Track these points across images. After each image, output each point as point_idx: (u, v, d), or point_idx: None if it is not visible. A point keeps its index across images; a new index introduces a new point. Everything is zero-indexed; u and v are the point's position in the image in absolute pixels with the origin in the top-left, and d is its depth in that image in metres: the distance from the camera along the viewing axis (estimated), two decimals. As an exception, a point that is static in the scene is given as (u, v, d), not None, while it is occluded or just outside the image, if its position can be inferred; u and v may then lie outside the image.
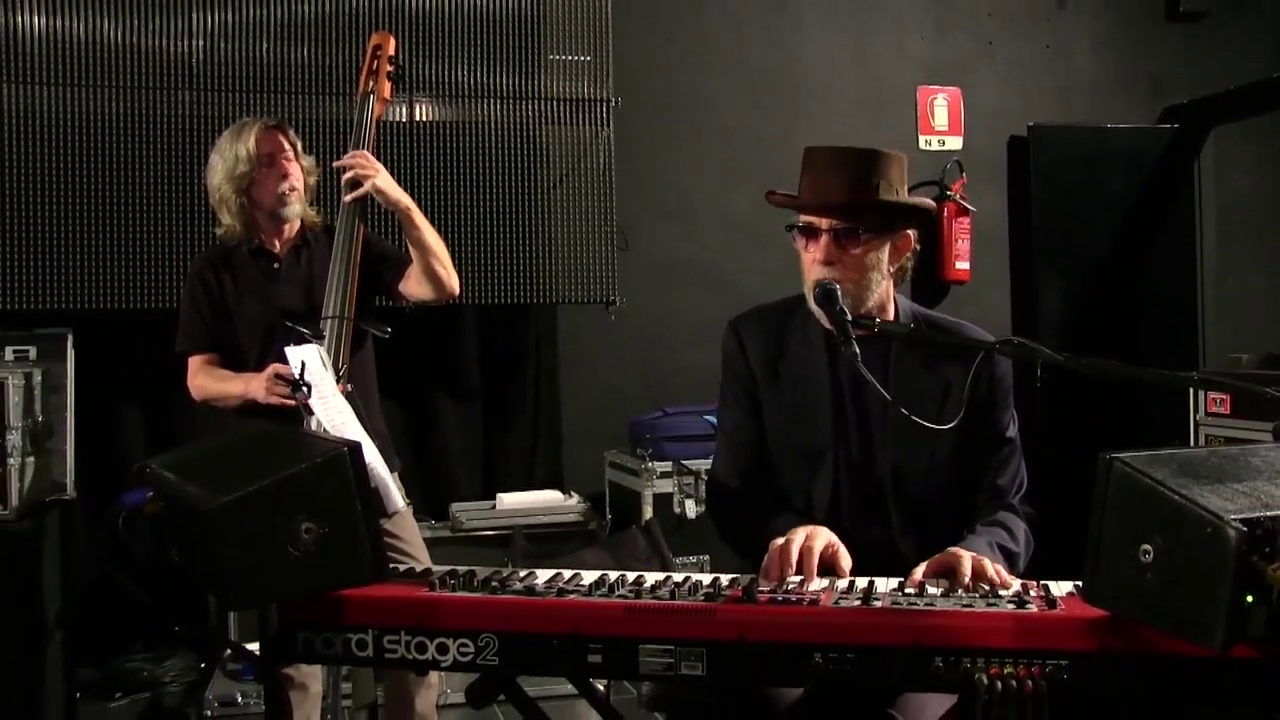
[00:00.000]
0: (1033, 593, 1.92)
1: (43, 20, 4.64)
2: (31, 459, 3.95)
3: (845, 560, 2.12)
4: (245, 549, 1.85)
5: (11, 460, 3.78)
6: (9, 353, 4.25)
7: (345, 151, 3.43)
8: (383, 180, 3.34)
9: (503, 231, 5.00)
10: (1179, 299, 6.05)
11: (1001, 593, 1.93)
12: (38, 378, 4.06)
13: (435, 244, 3.41)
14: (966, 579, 2.03)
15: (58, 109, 4.65)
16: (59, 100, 4.65)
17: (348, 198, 3.34)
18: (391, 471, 3.22)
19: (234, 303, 3.45)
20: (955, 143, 5.98)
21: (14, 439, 3.80)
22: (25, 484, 3.86)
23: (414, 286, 3.47)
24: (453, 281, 3.46)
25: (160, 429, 4.90)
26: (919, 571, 2.10)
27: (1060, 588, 1.96)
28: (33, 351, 4.27)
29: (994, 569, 2.05)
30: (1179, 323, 6.03)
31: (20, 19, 4.63)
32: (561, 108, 5.13)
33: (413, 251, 3.41)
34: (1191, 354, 5.96)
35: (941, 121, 5.97)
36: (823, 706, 2.16)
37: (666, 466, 4.83)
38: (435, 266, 3.40)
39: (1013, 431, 2.49)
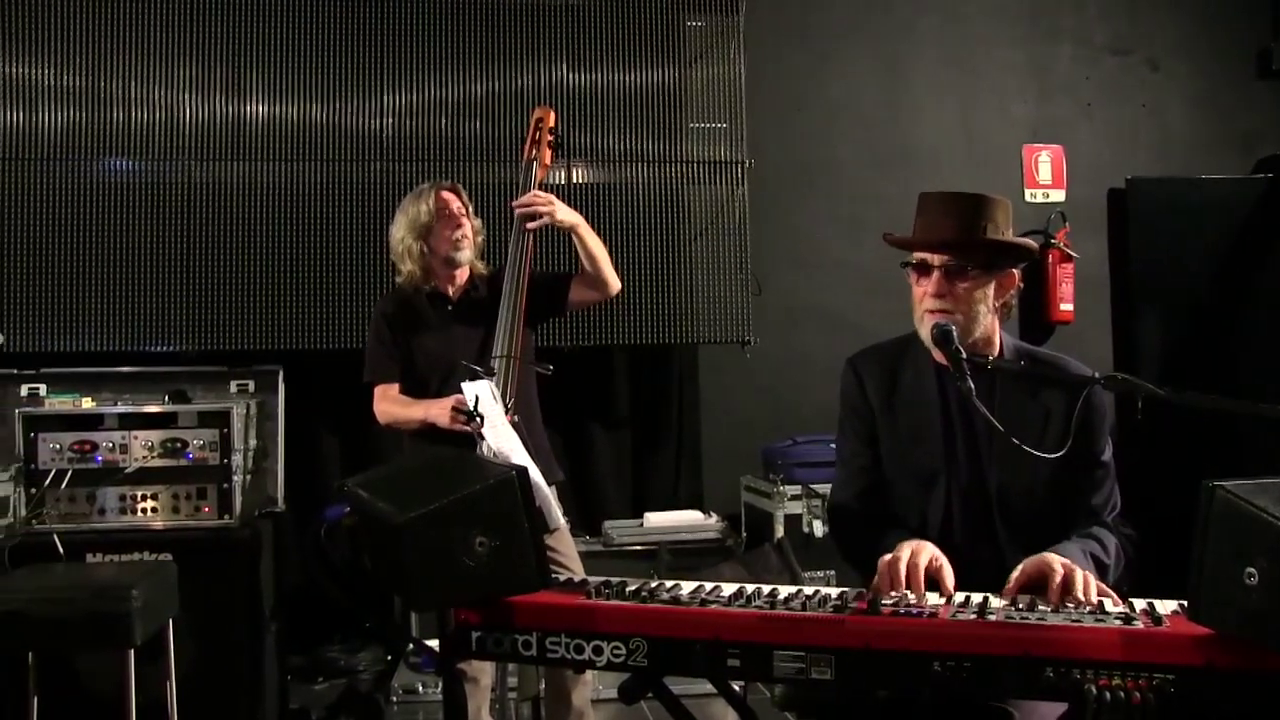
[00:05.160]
0: (1139, 609, 1.84)
1: (264, 107, 4.86)
2: (250, 476, 4.09)
3: (949, 575, 2.07)
4: (428, 558, 1.88)
5: (236, 477, 3.91)
6: (233, 386, 4.40)
7: (512, 211, 3.51)
8: (560, 210, 3.45)
9: (650, 280, 5.01)
10: (1276, 336, 5.76)
11: (1109, 608, 1.86)
12: (255, 408, 4.21)
13: (601, 252, 3.52)
14: (1057, 583, 1.96)
15: (273, 181, 4.84)
16: (274, 173, 4.85)
17: (531, 225, 3.43)
18: (553, 483, 3.25)
19: (414, 339, 3.53)
20: (1058, 195, 5.82)
21: (238, 459, 3.93)
22: (245, 497, 4.00)
23: (583, 293, 3.59)
24: (615, 281, 3.58)
25: (355, 452, 5.02)
26: (1011, 578, 2.04)
27: (1165, 606, 1.87)
28: (251, 385, 4.42)
29: (1083, 580, 1.97)
30: (1276, 358, 5.73)
31: (246, 107, 4.85)
32: (701, 170, 5.14)
33: (583, 260, 3.51)
34: (1289, 387, 5.67)
35: (1045, 176, 5.83)
36: (942, 705, 2.10)
37: (796, 490, 4.77)
38: (602, 271, 3.52)
39: (1107, 455, 2.40)
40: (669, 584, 2.06)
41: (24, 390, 4.31)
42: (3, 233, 4.65)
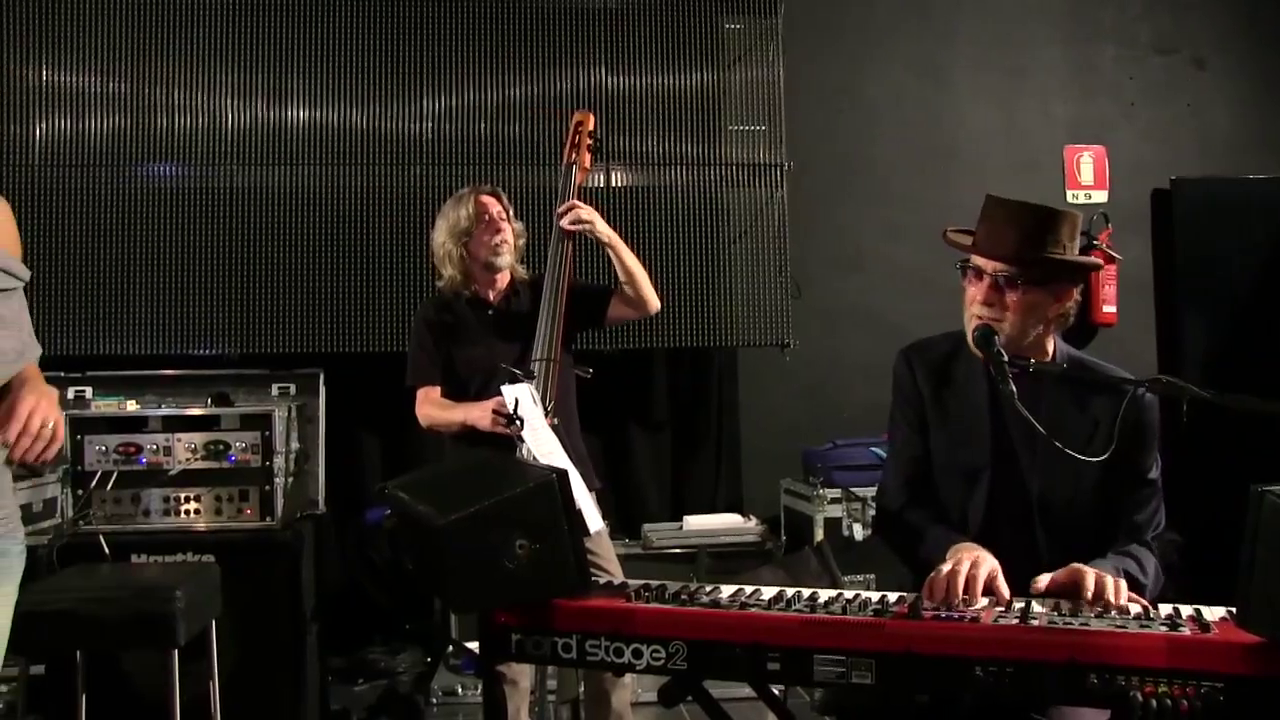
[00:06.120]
0: (1185, 616, 1.82)
1: (305, 112, 4.91)
2: (292, 479, 4.12)
3: (1004, 587, 2.05)
4: (468, 561, 1.89)
5: (278, 479, 3.95)
6: (274, 389, 4.45)
7: (552, 214, 3.53)
8: (600, 224, 3.48)
9: (689, 283, 5.01)
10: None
11: (1154, 614, 1.84)
12: (296, 411, 4.25)
13: (639, 270, 3.54)
14: (1090, 594, 1.95)
15: (314, 185, 4.89)
16: (316, 177, 4.89)
17: (568, 225, 3.46)
18: (592, 490, 3.26)
19: (454, 344, 3.55)
20: (1101, 196, 5.76)
21: (280, 461, 3.96)
22: (287, 499, 4.03)
23: (622, 309, 3.59)
24: (654, 299, 3.59)
25: (395, 454, 5.06)
26: (1042, 580, 2.03)
27: (1212, 613, 1.84)
28: (292, 388, 4.46)
29: (1115, 587, 1.95)
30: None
31: (288, 112, 4.91)
32: (740, 172, 5.13)
33: (621, 278, 3.53)
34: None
35: (1087, 177, 5.77)
36: (983, 711, 2.09)
37: (836, 493, 4.75)
38: (640, 287, 3.53)
39: (1155, 474, 2.37)
40: (708, 587, 2.06)
41: (70, 393, 4.38)
42: (50, 237, 4.72)
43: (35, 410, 1.97)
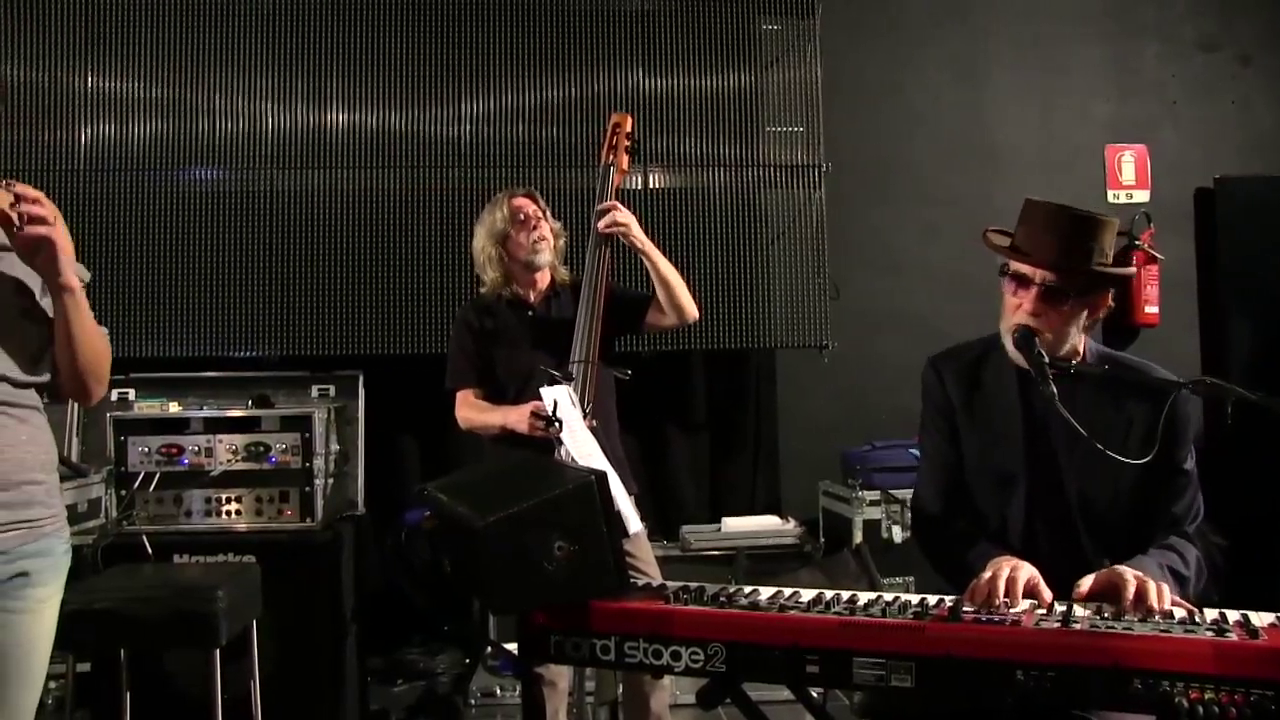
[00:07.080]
0: (1232, 621, 1.79)
1: (344, 116, 4.95)
2: (332, 480, 4.15)
3: (1046, 592, 2.04)
4: (507, 562, 1.89)
5: (318, 481, 3.98)
6: (314, 390, 4.47)
7: (590, 216, 3.53)
8: (635, 229, 3.47)
9: (726, 284, 5.00)
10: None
11: (1199, 619, 1.81)
12: (335, 413, 4.28)
13: (675, 279, 3.52)
14: (1129, 599, 1.93)
15: (353, 188, 4.93)
16: (354, 180, 4.93)
17: (602, 226, 3.45)
18: (630, 494, 3.26)
19: (494, 345, 3.57)
20: (1142, 195, 5.70)
21: (320, 463, 4.00)
22: (327, 501, 4.06)
23: (659, 317, 3.58)
24: (692, 308, 3.57)
25: (434, 456, 5.09)
26: (1084, 584, 2.01)
27: (1261, 618, 1.82)
28: (332, 390, 4.49)
29: (1157, 591, 1.93)
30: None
31: (327, 116, 4.94)
32: (778, 174, 5.12)
33: (657, 287, 3.51)
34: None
35: (1129, 177, 5.71)
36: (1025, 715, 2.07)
37: (875, 495, 4.73)
38: (676, 297, 3.51)
39: (1190, 464, 2.36)
40: (747, 589, 2.06)
41: (114, 395, 4.43)
42: (94, 242, 4.78)
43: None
